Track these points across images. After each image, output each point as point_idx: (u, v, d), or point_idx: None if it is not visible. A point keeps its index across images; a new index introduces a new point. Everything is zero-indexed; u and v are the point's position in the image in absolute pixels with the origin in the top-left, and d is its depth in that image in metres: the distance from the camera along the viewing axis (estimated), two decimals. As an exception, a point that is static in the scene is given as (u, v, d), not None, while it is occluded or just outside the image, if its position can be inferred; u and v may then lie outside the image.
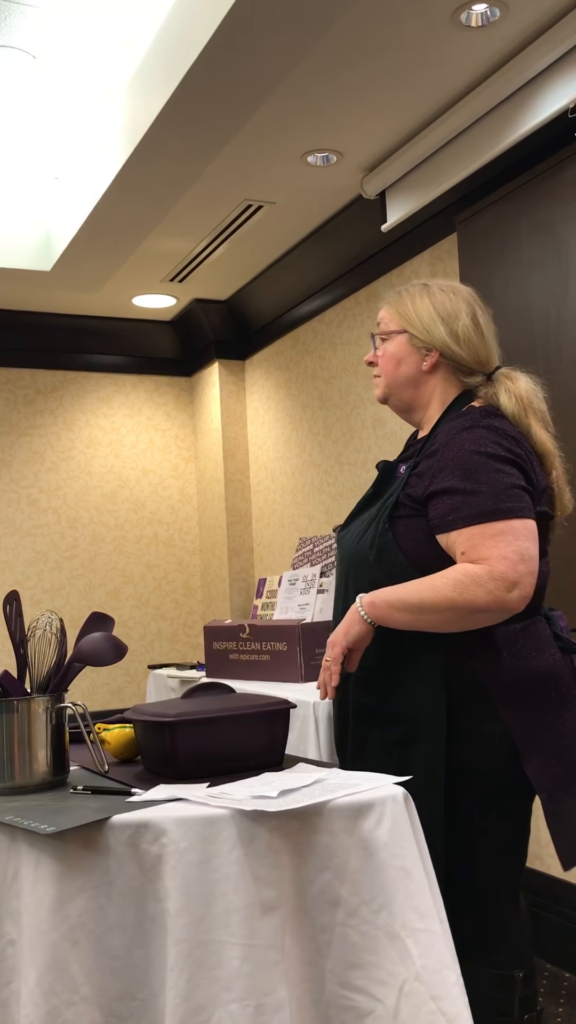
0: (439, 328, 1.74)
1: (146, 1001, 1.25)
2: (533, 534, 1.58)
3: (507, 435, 1.63)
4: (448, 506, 1.59)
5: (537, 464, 1.68)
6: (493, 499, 1.56)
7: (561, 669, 1.66)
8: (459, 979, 1.31)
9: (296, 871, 1.29)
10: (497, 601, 1.52)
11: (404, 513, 1.66)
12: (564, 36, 2.55)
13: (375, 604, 1.60)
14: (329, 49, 2.65)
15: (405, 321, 1.78)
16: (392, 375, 1.79)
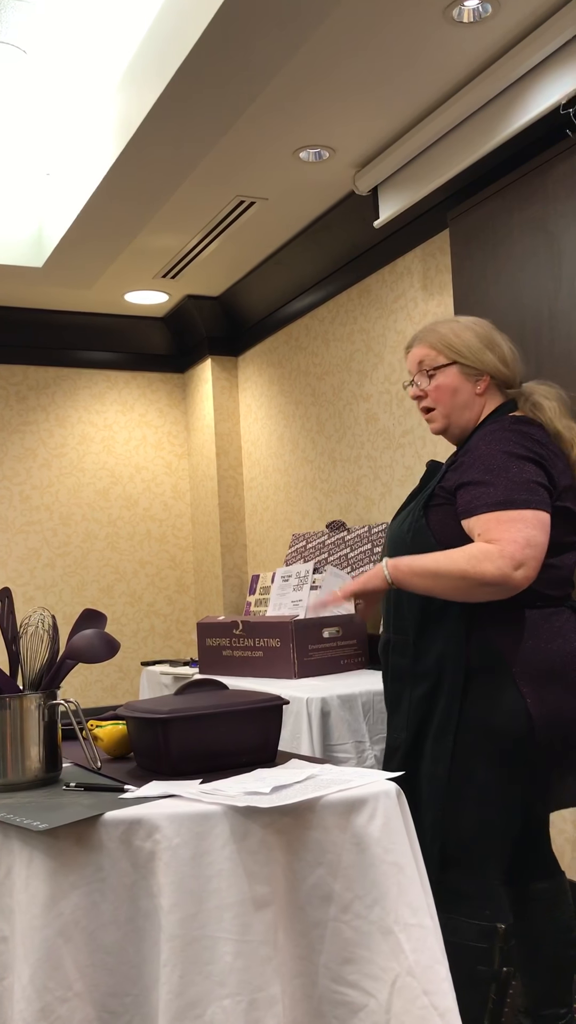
0: (488, 355, 1.96)
1: (139, 997, 1.25)
2: (544, 525, 1.76)
3: (531, 438, 1.83)
4: (472, 495, 1.79)
5: (562, 465, 1.86)
6: (509, 491, 1.75)
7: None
8: (449, 974, 1.32)
9: (289, 867, 1.29)
10: (504, 576, 1.69)
11: (438, 502, 1.88)
12: (556, 32, 2.55)
13: (398, 567, 1.82)
14: (321, 45, 2.64)
15: (455, 353, 1.97)
16: (450, 404, 1.98)
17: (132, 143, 2.97)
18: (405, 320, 3.64)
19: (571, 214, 2.70)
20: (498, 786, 1.81)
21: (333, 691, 2.60)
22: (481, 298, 3.05)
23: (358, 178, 3.44)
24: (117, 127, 3.07)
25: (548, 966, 2.03)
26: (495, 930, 1.81)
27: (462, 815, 1.82)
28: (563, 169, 2.72)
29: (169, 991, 1.21)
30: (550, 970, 2.03)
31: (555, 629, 1.82)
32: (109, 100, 3.13)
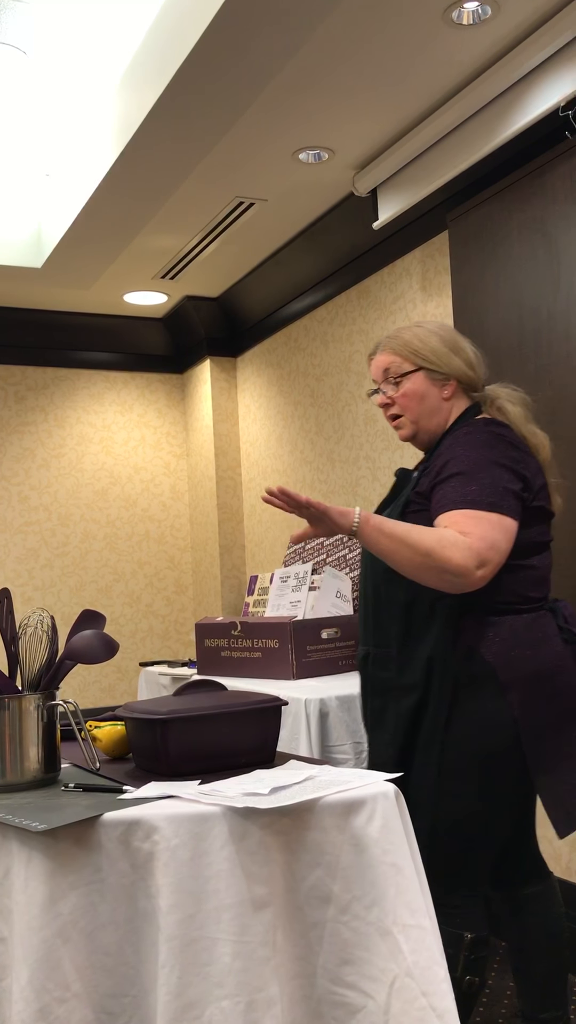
0: (455, 359, 1.95)
1: (137, 998, 1.25)
2: (509, 533, 1.75)
3: (505, 440, 1.83)
4: (444, 493, 1.79)
5: (535, 465, 1.86)
6: (481, 492, 1.75)
7: (564, 659, 1.83)
8: (447, 975, 1.32)
9: (287, 868, 1.29)
10: (466, 570, 1.67)
11: (414, 509, 1.86)
12: (555, 34, 2.55)
13: (368, 521, 1.73)
14: (321, 46, 2.65)
15: (421, 359, 1.95)
16: (418, 410, 1.96)
17: (131, 144, 2.97)
18: (404, 321, 3.64)
19: (570, 216, 2.70)
20: (485, 796, 1.81)
21: (331, 692, 2.60)
22: (480, 299, 3.05)
23: (357, 179, 3.44)
24: (117, 128, 3.07)
25: (541, 969, 2.03)
26: (461, 938, 1.82)
27: (448, 825, 1.82)
28: (562, 171, 2.73)
29: (167, 992, 1.21)
30: (544, 973, 2.03)
31: (538, 634, 1.81)
32: (109, 101, 3.13)
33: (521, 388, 2.88)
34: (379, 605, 1.89)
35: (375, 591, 1.92)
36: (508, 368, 2.94)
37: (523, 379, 2.88)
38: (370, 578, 1.94)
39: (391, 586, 1.85)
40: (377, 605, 1.90)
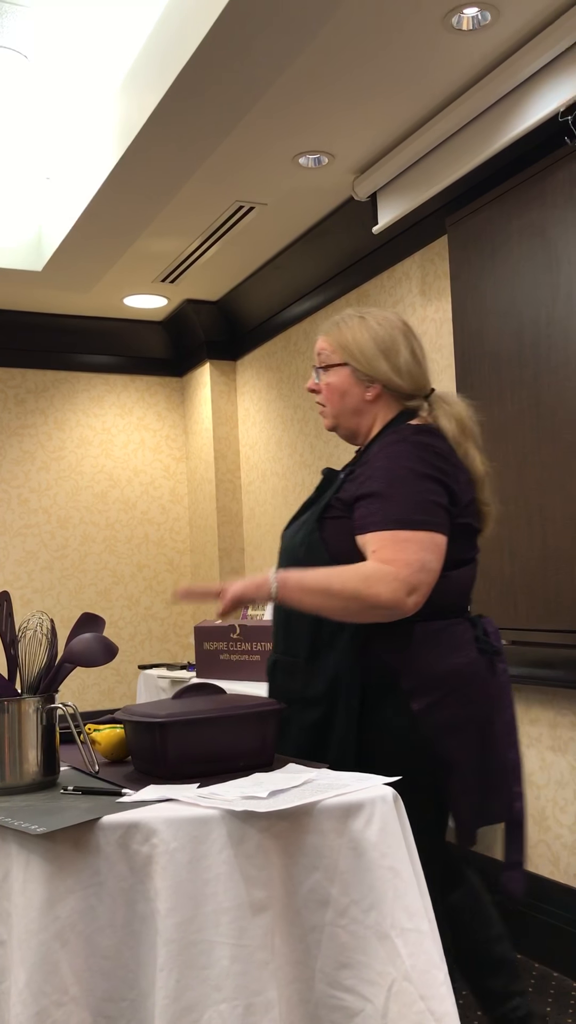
0: (382, 363, 1.84)
1: (136, 1001, 1.25)
2: (439, 549, 1.69)
3: (434, 451, 1.74)
4: (368, 510, 1.71)
5: (464, 479, 1.78)
6: (408, 510, 1.68)
7: (476, 667, 1.77)
8: (447, 979, 1.32)
9: (286, 871, 1.30)
10: (397, 601, 1.63)
11: (333, 515, 1.79)
12: (555, 40, 2.56)
13: (286, 585, 1.68)
14: (321, 51, 2.65)
15: (347, 354, 1.86)
16: (338, 406, 1.89)
17: (132, 147, 2.98)
18: (403, 325, 3.65)
19: (569, 221, 2.71)
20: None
21: (330, 696, 2.59)
22: (479, 304, 3.05)
23: (357, 184, 3.45)
24: (117, 132, 3.07)
25: (486, 970, 1.98)
26: None
27: None
28: (561, 176, 2.73)
29: (165, 995, 1.21)
30: (489, 972, 1.97)
31: (452, 642, 1.75)
32: (109, 105, 3.14)
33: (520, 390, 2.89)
34: (290, 612, 1.80)
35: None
36: (507, 372, 2.94)
37: (522, 383, 2.88)
38: None
39: None
40: (288, 612, 1.81)
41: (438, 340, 3.47)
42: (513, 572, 2.92)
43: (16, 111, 3.29)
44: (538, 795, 3.00)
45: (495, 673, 1.82)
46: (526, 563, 2.87)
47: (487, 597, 3.03)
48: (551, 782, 2.95)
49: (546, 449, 2.79)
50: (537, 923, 2.99)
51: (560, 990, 2.79)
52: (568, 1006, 2.69)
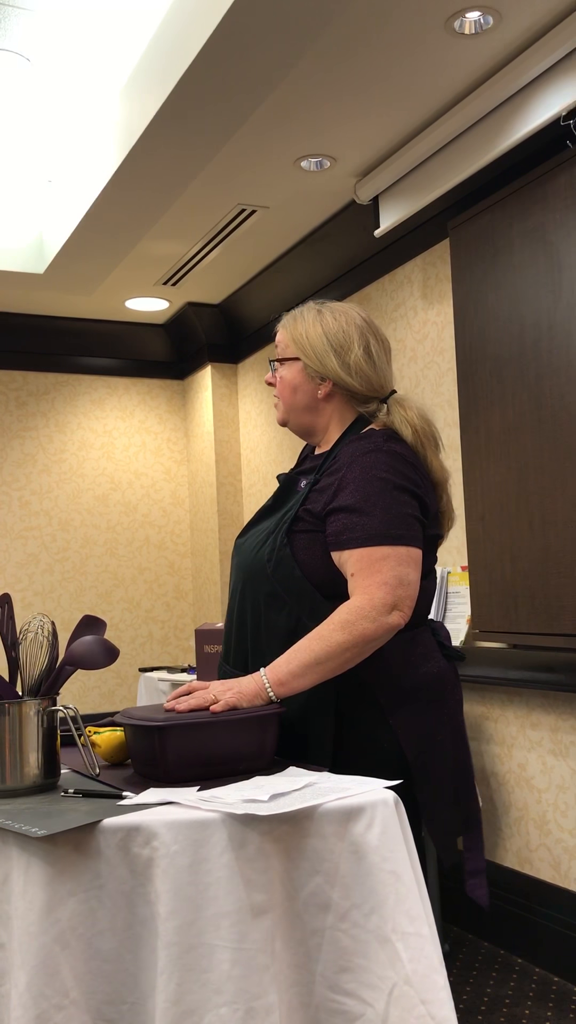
0: (332, 360, 1.77)
1: (136, 1004, 1.25)
2: (417, 562, 1.68)
3: (407, 462, 1.71)
4: (344, 524, 1.67)
5: (430, 489, 1.76)
6: (385, 524, 1.65)
7: (446, 674, 1.77)
8: (447, 983, 1.32)
9: (287, 875, 1.29)
10: (383, 626, 1.62)
11: (303, 528, 1.72)
12: (557, 44, 2.56)
13: (282, 683, 1.61)
14: (323, 55, 2.66)
15: (299, 349, 1.80)
16: (289, 401, 1.84)
17: (134, 151, 2.98)
18: (405, 329, 3.65)
19: (571, 225, 2.71)
20: None
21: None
22: (481, 308, 3.05)
23: (359, 187, 3.45)
24: (119, 135, 3.08)
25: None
26: None
27: None
28: (563, 180, 2.73)
29: (166, 999, 1.20)
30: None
31: (420, 651, 1.74)
32: (111, 108, 3.14)
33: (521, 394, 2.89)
34: (258, 630, 1.75)
35: (255, 615, 1.77)
36: (509, 376, 2.94)
37: (524, 387, 2.88)
38: (248, 599, 1.78)
39: (272, 611, 1.73)
40: (256, 630, 1.76)
41: (440, 344, 3.48)
42: (514, 576, 2.92)
43: (18, 114, 3.29)
44: (539, 799, 3.00)
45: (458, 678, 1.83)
46: (527, 567, 2.87)
47: (488, 601, 3.03)
48: (552, 786, 2.95)
49: (548, 453, 2.79)
50: (538, 927, 2.99)
51: (561, 995, 2.78)
52: (568, 1011, 2.68)
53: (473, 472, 3.09)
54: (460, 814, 1.77)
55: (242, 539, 1.87)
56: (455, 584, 3.31)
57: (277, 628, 1.73)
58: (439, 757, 1.73)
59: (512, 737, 3.11)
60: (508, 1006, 2.72)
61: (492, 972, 2.96)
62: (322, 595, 1.70)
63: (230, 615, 1.86)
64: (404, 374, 3.63)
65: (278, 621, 1.73)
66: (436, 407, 3.49)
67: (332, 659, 1.60)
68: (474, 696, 3.26)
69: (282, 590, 1.72)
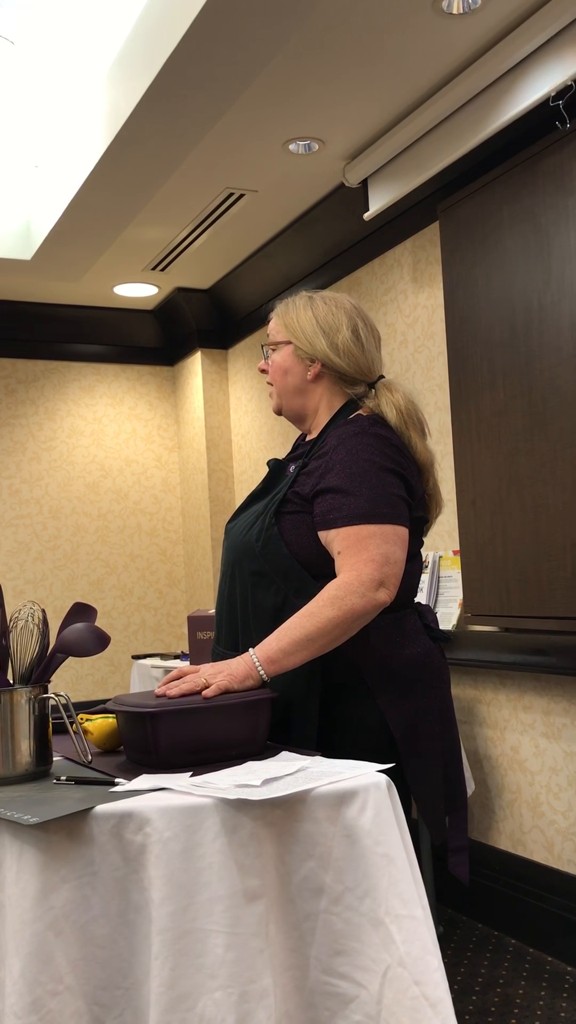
0: (320, 340, 1.83)
1: (130, 990, 1.25)
2: (403, 540, 1.71)
3: (392, 445, 1.75)
4: (331, 504, 1.70)
5: (416, 472, 1.79)
6: (372, 503, 1.68)
7: (433, 655, 1.80)
8: (440, 964, 1.32)
9: (280, 859, 1.30)
10: (371, 602, 1.65)
11: (291, 509, 1.76)
12: (545, 24, 2.55)
13: (272, 660, 1.63)
14: (311, 37, 2.63)
15: (290, 333, 1.87)
16: (281, 384, 1.89)
17: (121, 135, 2.96)
18: (395, 313, 3.64)
19: (560, 206, 2.70)
20: None
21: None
22: (471, 290, 3.04)
23: (348, 170, 3.43)
24: (106, 119, 3.05)
25: None
26: None
27: None
28: (552, 162, 2.72)
29: (160, 984, 1.21)
30: None
31: (406, 633, 1.76)
32: (98, 92, 3.11)
33: (512, 377, 2.88)
34: (247, 609, 1.78)
35: (243, 594, 1.80)
36: (499, 359, 2.94)
37: (514, 370, 2.88)
38: (237, 580, 1.82)
39: (259, 590, 1.77)
40: (245, 609, 1.79)
41: (430, 327, 3.47)
42: (506, 559, 2.92)
43: (3, 98, 3.26)
44: (532, 781, 3.02)
45: (444, 659, 1.85)
46: (519, 550, 2.87)
47: (480, 585, 3.04)
48: (545, 768, 2.96)
49: (538, 436, 2.79)
50: (532, 908, 3.00)
51: (554, 975, 2.81)
52: (562, 991, 2.70)
53: (464, 456, 3.09)
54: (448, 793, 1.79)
55: (232, 523, 1.91)
56: (447, 568, 3.32)
57: (264, 607, 1.75)
58: (427, 737, 1.75)
59: (505, 720, 3.12)
60: (502, 986, 2.74)
61: (486, 953, 2.98)
62: (310, 575, 1.72)
63: (221, 597, 1.89)
64: (395, 358, 3.62)
65: (265, 600, 1.76)
66: (427, 391, 3.48)
67: (323, 635, 1.63)
68: (466, 680, 3.27)
69: (270, 569, 1.75)
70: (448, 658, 2.46)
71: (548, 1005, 2.62)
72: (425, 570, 3.34)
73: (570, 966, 2.85)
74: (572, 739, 2.86)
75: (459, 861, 1.81)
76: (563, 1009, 2.59)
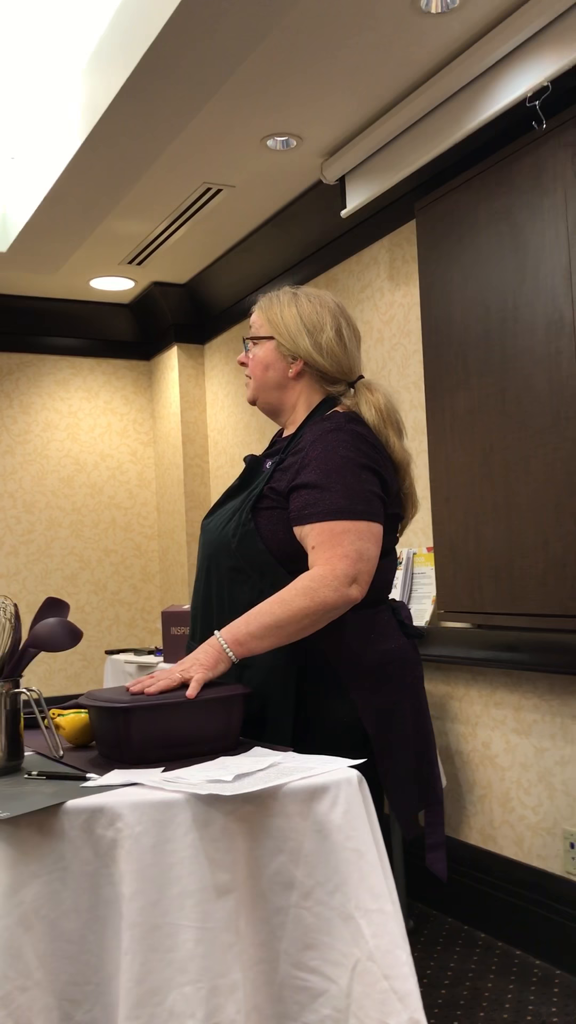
0: (304, 339, 1.84)
1: (100, 985, 1.25)
2: (377, 537, 1.72)
3: (368, 442, 1.76)
4: (306, 500, 1.71)
5: (391, 470, 1.80)
6: (347, 499, 1.69)
7: (407, 651, 1.81)
8: (410, 958, 1.33)
9: (251, 854, 1.30)
10: (343, 596, 1.65)
11: (267, 505, 1.77)
12: (523, 25, 2.56)
13: (239, 642, 1.64)
14: (289, 32, 2.63)
15: (273, 328, 1.87)
16: (260, 379, 1.89)
17: (98, 128, 2.94)
18: (372, 310, 3.65)
19: (536, 206, 2.72)
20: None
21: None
22: (447, 289, 3.06)
23: (325, 167, 3.43)
24: (83, 111, 3.03)
25: None
26: None
27: None
28: (528, 161, 2.74)
29: (130, 979, 1.21)
30: None
31: (380, 629, 1.78)
32: (75, 84, 3.09)
33: (486, 376, 2.90)
34: (223, 605, 1.79)
35: (219, 590, 1.81)
36: (474, 357, 2.95)
37: (489, 368, 2.90)
38: (213, 576, 1.83)
39: (236, 586, 1.78)
40: (221, 605, 1.80)
41: (406, 325, 3.48)
42: (479, 557, 2.94)
43: (-21, 88, 3.23)
44: (503, 777, 3.04)
45: (418, 655, 1.87)
46: (491, 547, 2.89)
47: (453, 581, 3.05)
48: (515, 764, 2.99)
49: (512, 434, 2.81)
50: (501, 903, 3.03)
51: (523, 968, 2.83)
52: (530, 983, 2.73)
53: (438, 453, 3.11)
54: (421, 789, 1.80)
55: (209, 519, 1.91)
56: (421, 565, 3.33)
57: (240, 602, 1.75)
58: (400, 732, 1.76)
59: (476, 716, 3.14)
60: (471, 979, 2.77)
61: (456, 947, 3.01)
62: (285, 570, 1.73)
63: (196, 593, 1.89)
64: (371, 356, 3.63)
65: (241, 595, 1.77)
66: (402, 389, 3.49)
67: (292, 623, 1.64)
68: (439, 675, 3.29)
69: (246, 564, 1.76)
70: (421, 654, 2.48)
71: (516, 998, 2.65)
72: (399, 566, 3.36)
73: (539, 959, 2.87)
74: (543, 735, 2.88)
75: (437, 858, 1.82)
76: (531, 1002, 2.62)
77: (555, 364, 2.66)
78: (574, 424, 2.61)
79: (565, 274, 2.62)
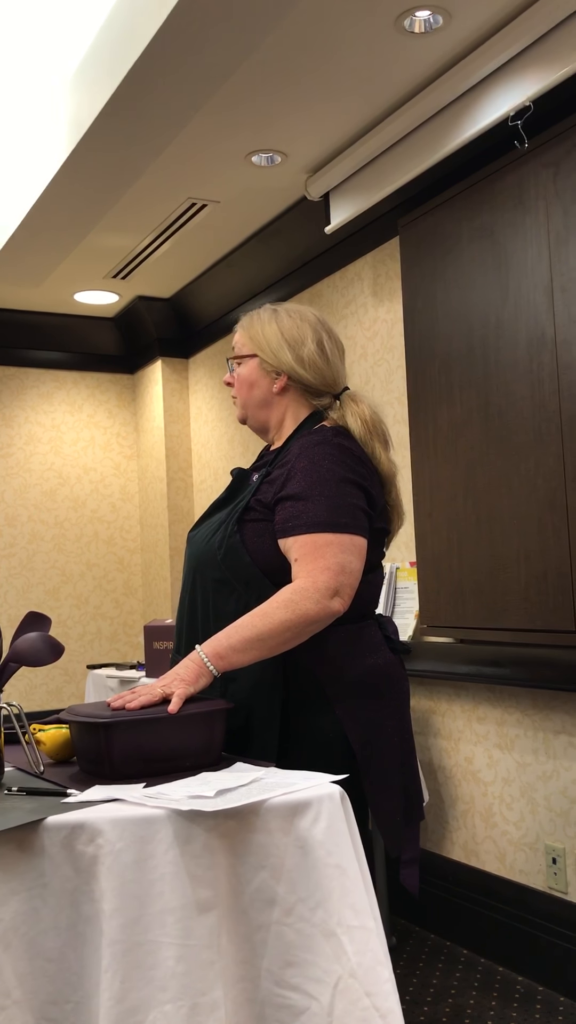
0: (286, 353, 1.84)
1: (80, 1004, 1.24)
2: (360, 551, 1.71)
3: (354, 456, 1.76)
4: (290, 512, 1.71)
5: (378, 483, 1.80)
6: (330, 512, 1.69)
7: (393, 667, 1.81)
8: (391, 976, 1.33)
9: (232, 870, 1.29)
10: (325, 609, 1.65)
11: (253, 517, 1.77)
12: (505, 45, 2.59)
13: (221, 656, 1.64)
14: (274, 50, 2.65)
15: (255, 346, 1.87)
16: (246, 397, 1.90)
17: (83, 142, 2.95)
18: (356, 326, 3.66)
19: (518, 224, 2.74)
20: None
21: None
22: (430, 305, 3.08)
23: (310, 183, 3.45)
24: (68, 125, 3.04)
25: None
26: None
27: None
28: (511, 180, 2.76)
29: (110, 997, 1.20)
30: None
31: (366, 644, 1.77)
32: (60, 98, 3.10)
33: (469, 391, 2.91)
34: (208, 618, 1.79)
35: (204, 603, 1.81)
36: (457, 373, 2.97)
37: (471, 384, 2.91)
38: (199, 588, 1.83)
39: (221, 598, 1.77)
40: (206, 618, 1.79)
41: (389, 341, 3.49)
42: (462, 571, 2.95)
43: (-36, 102, 3.23)
44: (485, 792, 3.04)
45: (404, 671, 1.86)
46: (474, 563, 2.90)
47: (436, 596, 3.06)
48: (498, 779, 2.99)
49: (494, 450, 2.83)
50: (483, 919, 3.02)
51: (505, 985, 2.82)
52: (512, 1000, 2.72)
53: (421, 468, 3.12)
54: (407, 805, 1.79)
55: (195, 531, 1.91)
56: (403, 579, 3.34)
57: (226, 614, 1.75)
58: (385, 748, 1.75)
59: (459, 731, 3.14)
60: (454, 996, 2.76)
61: (438, 964, 2.99)
62: (271, 583, 1.72)
63: (181, 605, 1.89)
64: (354, 371, 3.65)
65: (226, 607, 1.76)
66: (386, 404, 3.51)
67: (274, 637, 1.63)
68: (421, 690, 3.29)
69: (231, 577, 1.76)
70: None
71: (499, 1015, 2.64)
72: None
73: (521, 976, 2.87)
74: (525, 750, 2.88)
75: (410, 873, 1.81)
76: (513, 1019, 2.61)
77: (537, 380, 2.68)
78: (556, 440, 2.62)
79: (547, 291, 2.64)
